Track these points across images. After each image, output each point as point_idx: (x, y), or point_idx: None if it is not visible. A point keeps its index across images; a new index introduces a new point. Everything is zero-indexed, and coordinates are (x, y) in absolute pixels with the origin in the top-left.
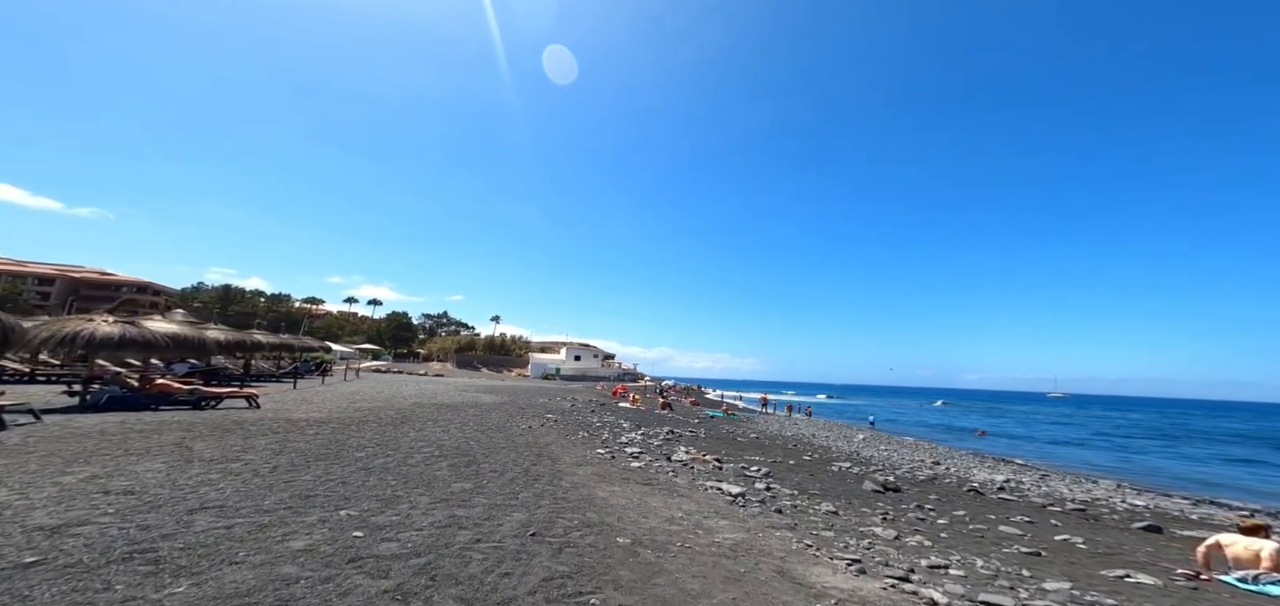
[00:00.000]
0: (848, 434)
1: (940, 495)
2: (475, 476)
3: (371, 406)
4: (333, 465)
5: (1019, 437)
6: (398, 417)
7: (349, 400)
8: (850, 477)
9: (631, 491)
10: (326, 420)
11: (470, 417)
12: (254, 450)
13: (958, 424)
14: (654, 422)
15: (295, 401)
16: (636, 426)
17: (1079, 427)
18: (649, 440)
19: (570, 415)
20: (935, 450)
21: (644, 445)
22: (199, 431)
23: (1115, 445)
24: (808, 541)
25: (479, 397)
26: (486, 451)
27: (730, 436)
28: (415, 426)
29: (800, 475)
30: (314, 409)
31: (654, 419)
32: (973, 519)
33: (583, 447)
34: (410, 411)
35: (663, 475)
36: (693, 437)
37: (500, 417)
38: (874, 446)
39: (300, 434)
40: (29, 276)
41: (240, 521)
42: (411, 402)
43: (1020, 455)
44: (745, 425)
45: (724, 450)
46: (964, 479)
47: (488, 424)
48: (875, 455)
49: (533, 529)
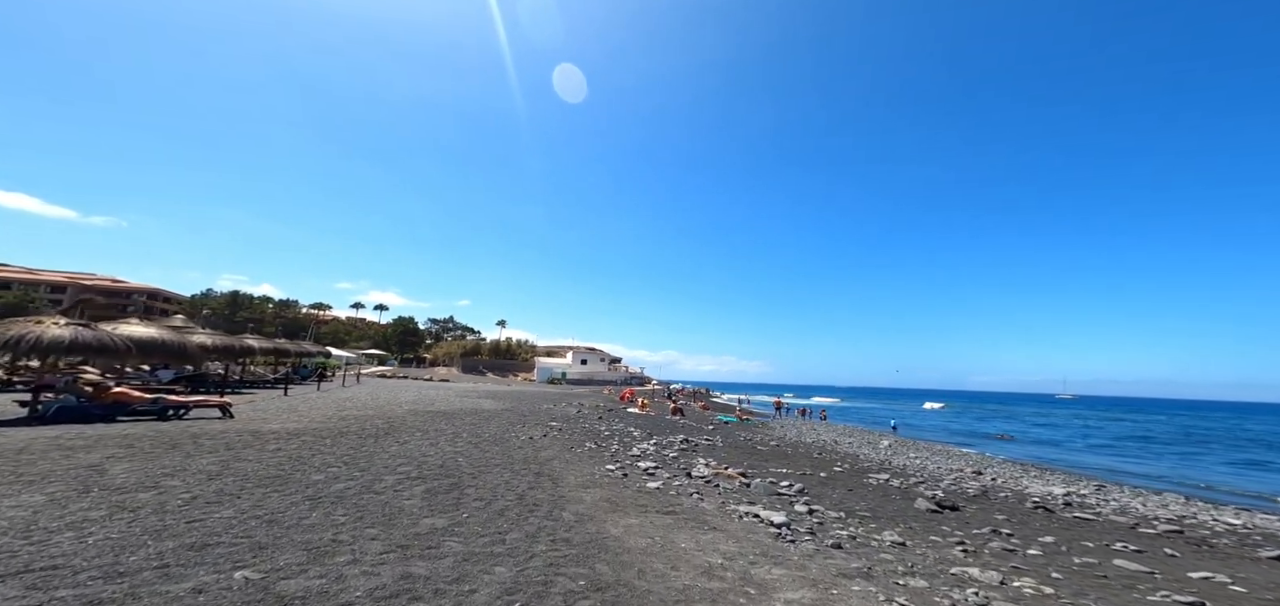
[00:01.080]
0: (871, 439)
1: (1006, 514)
2: (455, 507)
3: (359, 415)
4: (272, 494)
5: (1045, 442)
6: (384, 427)
7: (338, 408)
8: (894, 493)
9: (652, 525)
10: (300, 432)
11: (465, 427)
12: (184, 473)
13: (980, 428)
14: (666, 430)
15: (279, 410)
16: (648, 435)
17: (1100, 430)
18: (663, 451)
19: (576, 423)
20: (969, 456)
21: (659, 458)
22: (138, 448)
23: (1151, 450)
24: (900, 600)
25: (479, 404)
26: (476, 470)
27: (749, 444)
28: (399, 438)
29: (837, 490)
30: (294, 418)
31: (666, 426)
32: (1068, 547)
33: (590, 463)
34: (400, 420)
35: (686, 497)
36: (710, 447)
37: (499, 427)
38: (903, 453)
39: (258, 450)
40: (41, 284)
41: (62, 595)
42: (405, 410)
43: (1054, 460)
44: (761, 431)
45: (746, 461)
46: (1019, 492)
47: (483, 434)
48: (908, 463)
49: (519, 598)
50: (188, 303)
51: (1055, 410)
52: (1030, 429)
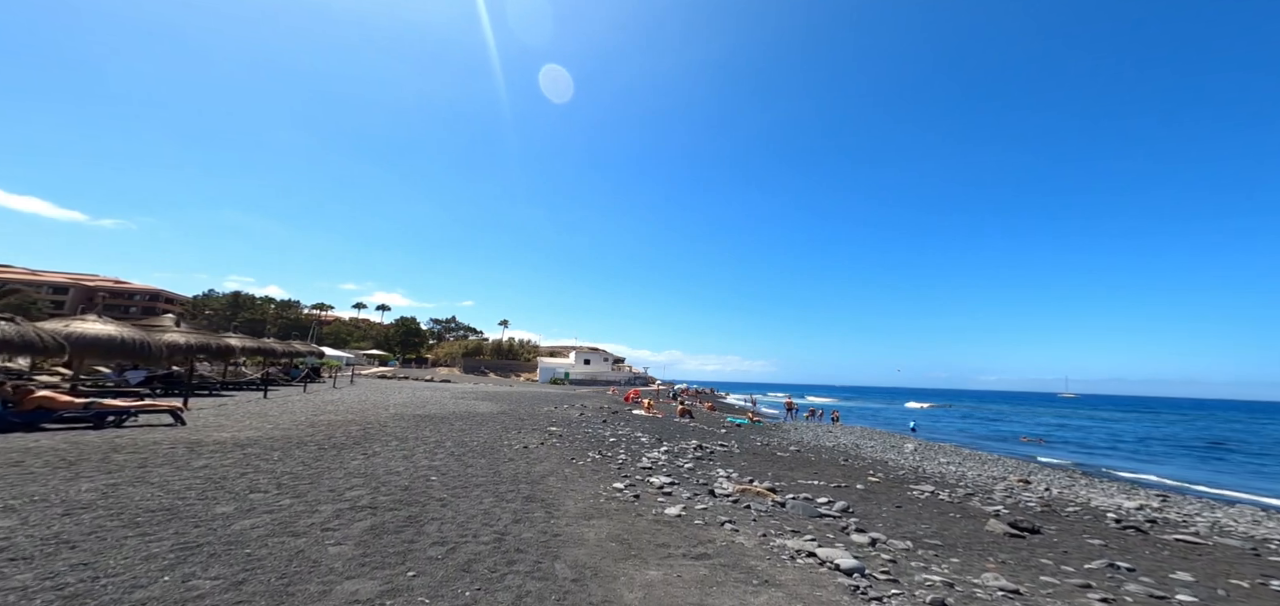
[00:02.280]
0: (893, 443)
1: (1100, 537)
2: (402, 556)
3: (335, 419)
4: (135, 537)
5: (1072, 443)
6: (356, 435)
7: (315, 411)
8: (951, 510)
9: (681, 580)
10: (251, 442)
11: (452, 434)
12: (45, 504)
13: (998, 429)
14: (676, 435)
15: (247, 414)
16: (657, 441)
17: (1121, 431)
18: (677, 461)
19: (578, 427)
20: (1005, 462)
21: (672, 469)
22: (25, 465)
23: (1189, 453)
24: None
25: (474, 406)
26: (450, 493)
27: (767, 450)
28: (368, 449)
29: (884, 507)
30: (257, 424)
31: (675, 430)
32: (1214, 582)
33: (593, 479)
34: (379, 426)
35: (716, 528)
36: (727, 454)
37: (491, 433)
38: (933, 458)
39: (176, 469)
40: (43, 285)
41: None
42: (389, 414)
43: (1093, 466)
44: (776, 434)
45: (769, 471)
46: (1087, 506)
47: (471, 443)
48: (945, 471)
49: None
50: (190, 303)
51: (1060, 410)
52: (1051, 431)
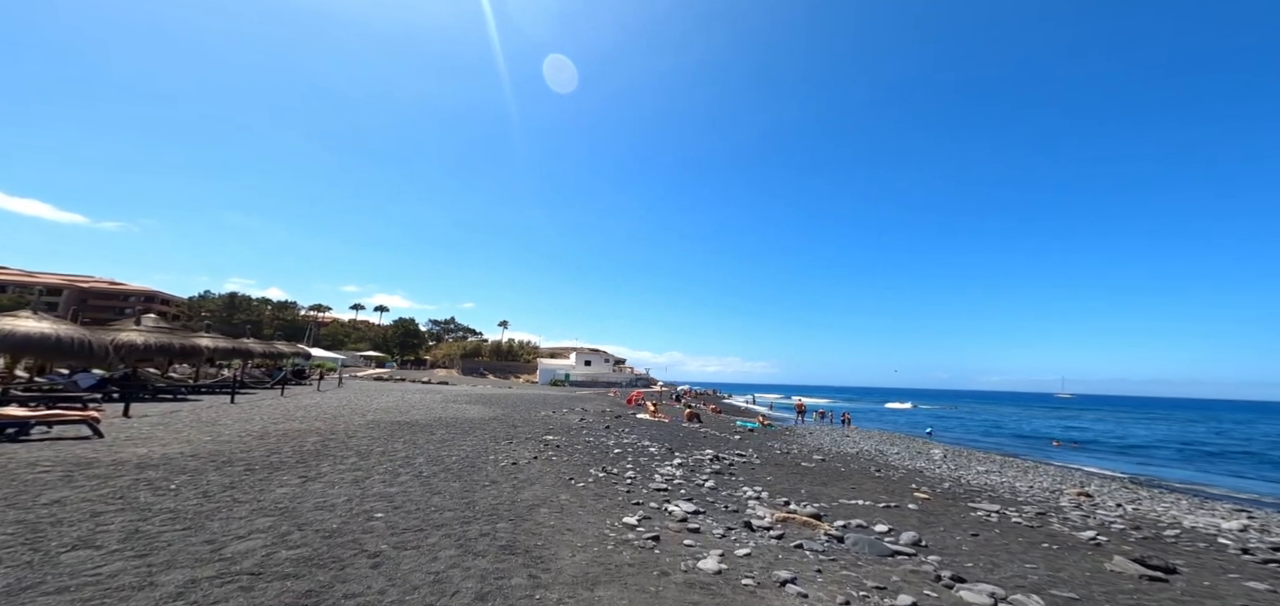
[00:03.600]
0: (919, 448)
1: (1250, 577)
2: None
3: (294, 429)
4: None
5: (1104, 448)
6: (307, 450)
7: (278, 419)
8: (1037, 536)
9: None
10: (163, 462)
11: (429, 446)
12: None
13: (1013, 429)
14: (687, 442)
15: (194, 424)
16: (668, 451)
17: (1142, 433)
18: (695, 478)
19: (578, 435)
20: (1048, 470)
21: (692, 489)
22: None
23: (1220, 456)
24: None
25: (463, 411)
26: (393, 543)
27: (790, 460)
28: (310, 471)
29: (954, 532)
30: (191, 437)
31: (685, 436)
32: None
33: (597, 508)
34: (343, 437)
35: (773, 590)
36: (748, 467)
37: (476, 444)
38: (969, 466)
39: (16, 506)
40: (36, 286)
41: None
42: (364, 421)
43: (1134, 472)
44: (792, 439)
45: (801, 487)
46: (1187, 529)
47: (448, 458)
48: (995, 483)
49: None
50: (186, 304)
51: (1058, 410)
52: (1068, 431)
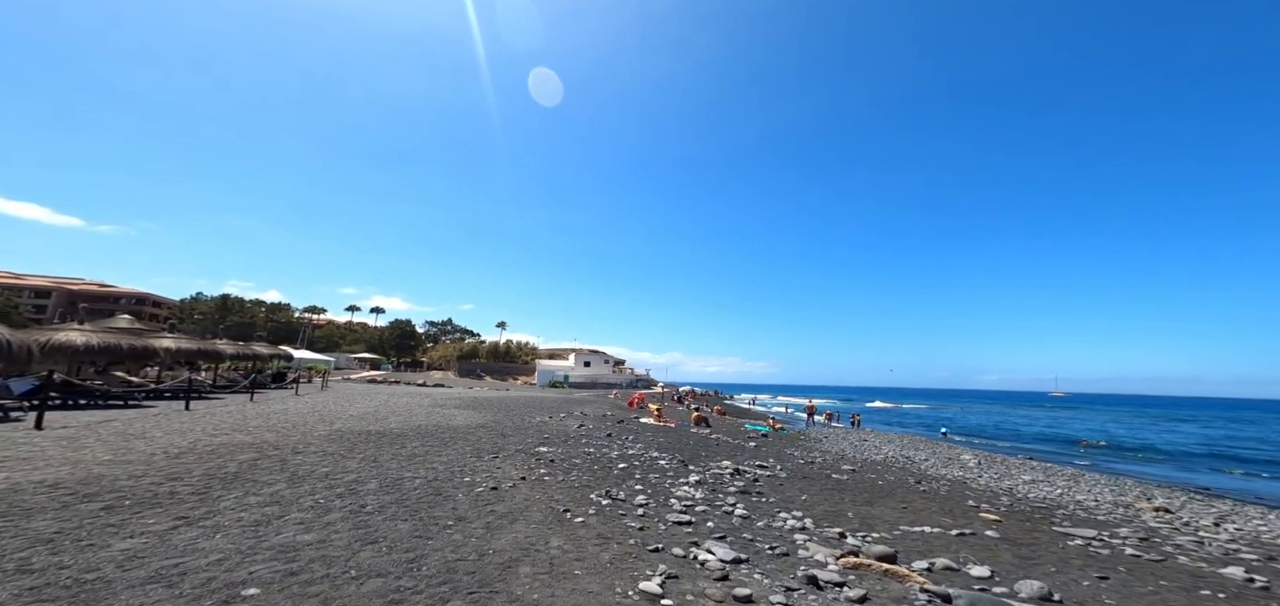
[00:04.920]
0: (945, 453)
1: None
2: None
3: (229, 443)
4: None
5: (1131, 451)
6: (230, 473)
7: (226, 430)
8: (1180, 577)
9: None
10: (9, 493)
11: (393, 464)
12: None
13: (1057, 430)
14: (699, 452)
15: (117, 436)
16: (681, 463)
17: (1166, 433)
18: (717, 498)
19: (577, 445)
20: (1096, 479)
21: (719, 516)
22: None
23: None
24: None
25: (450, 417)
26: None
27: (819, 472)
28: (210, 504)
29: (1081, 576)
30: (89, 456)
31: (694, 444)
32: None
33: (602, 563)
34: (284, 454)
35: None
36: (774, 482)
37: (452, 460)
38: (1011, 474)
39: None
40: (25, 289)
41: None
42: (326, 431)
43: (1186, 478)
44: (810, 445)
45: (846, 506)
46: None
47: (408, 484)
48: (1054, 495)
49: None
50: (177, 306)
51: (1053, 409)
52: (1092, 432)
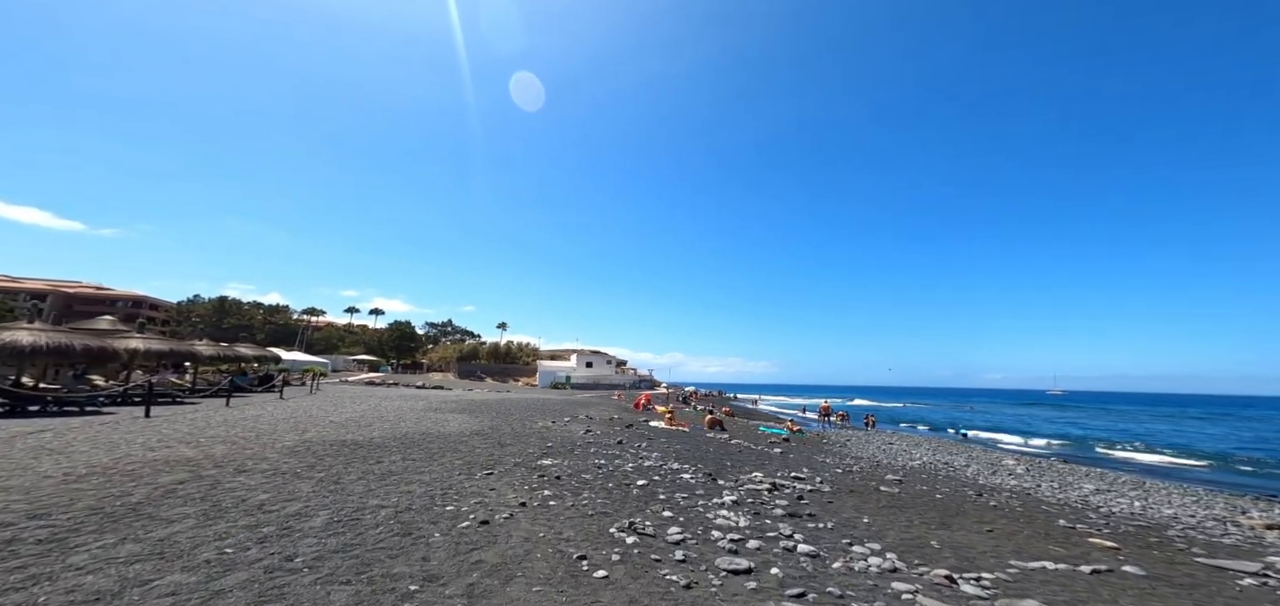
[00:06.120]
0: (984, 458)
1: None
2: None
3: (173, 458)
4: None
5: (1169, 444)
6: (134, 503)
7: (171, 442)
8: None
9: None
10: None
11: (357, 487)
12: None
13: (1069, 429)
14: (724, 462)
15: (37, 451)
16: (709, 478)
17: (1198, 436)
18: (766, 526)
19: (586, 455)
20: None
21: (781, 554)
22: None
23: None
24: None
25: (443, 422)
26: None
27: (866, 484)
28: (87, 550)
29: None
30: (9, 473)
31: (715, 451)
32: None
33: None
34: (235, 471)
35: None
36: (818, 497)
37: (433, 479)
38: (1068, 482)
39: None
40: (21, 292)
41: None
42: (297, 442)
43: (1247, 483)
44: (834, 450)
45: (929, 536)
46: None
47: (368, 518)
48: (1143, 508)
49: None
50: (174, 309)
51: (1051, 407)
52: (1110, 433)
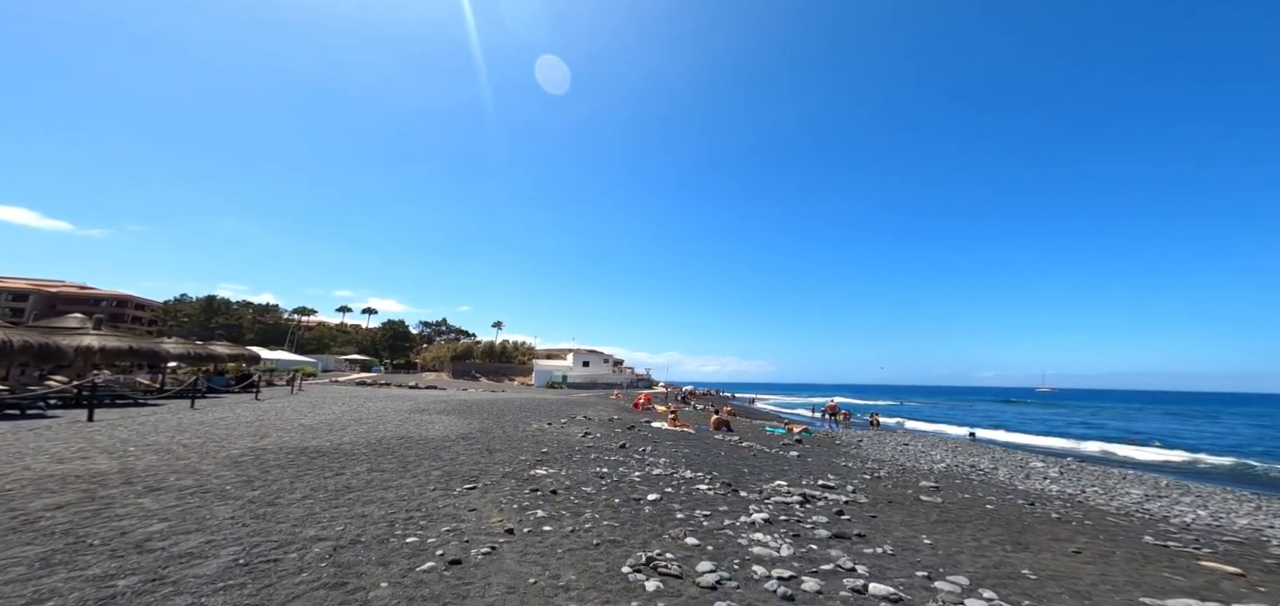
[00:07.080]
0: (1010, 460)
1: None
2: None
3: (65, 475)
4: None
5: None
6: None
7: (94, 451)
8: None
9: None
10: None
11: (305, 504)
12: None
13: (1073, 427)
14: (740, 468)
15: None
16: (728, 488)
17: (1209, 433)
18: (814, 553)
19: (585, 462)
20: (1210, 491)
21: (852, 604)
22: None
23: None
24: None
25: (427, 425)
26: None
27: (903, 495)
28: None
29: None
30: None
31: (726, 455)
32: None
33: None
34: (145, 488)
35: None
36: (856, 509)
37: (400, 495)
38: (1114, 488)
39: None
40: (1, 291)
41: None
42: (254, 447)
43: None
44: (850, 453)
45: (996, 554)
46: None
47: (287, 569)
48: (1212, 518)
49: None
50: (160, 309)
51: (1043, 404)
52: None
